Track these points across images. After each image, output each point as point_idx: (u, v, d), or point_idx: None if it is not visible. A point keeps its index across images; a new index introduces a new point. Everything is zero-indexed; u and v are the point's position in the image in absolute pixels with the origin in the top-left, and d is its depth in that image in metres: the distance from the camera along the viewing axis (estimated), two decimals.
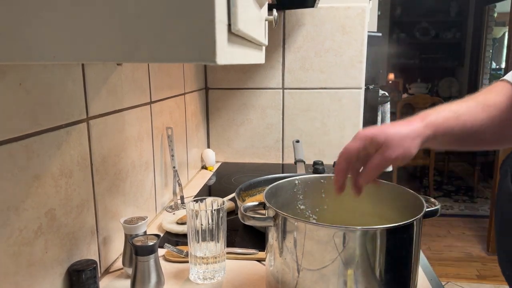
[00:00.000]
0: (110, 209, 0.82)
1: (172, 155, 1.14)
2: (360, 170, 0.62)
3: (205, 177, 1.45)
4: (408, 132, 0.59)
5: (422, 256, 0.81)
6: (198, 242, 0.74)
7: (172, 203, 1.15)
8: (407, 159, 0.59)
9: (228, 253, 0.83)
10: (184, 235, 0.93)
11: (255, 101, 1.57)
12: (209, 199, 0.77)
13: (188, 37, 0.34)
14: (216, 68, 1.56)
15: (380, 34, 1.68)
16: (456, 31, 5.15)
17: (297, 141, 1.43)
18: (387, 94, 1.91)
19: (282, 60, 1.52)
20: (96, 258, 0.77)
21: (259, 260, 0.84)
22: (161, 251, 0.80)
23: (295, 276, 0.59)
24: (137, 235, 0.72)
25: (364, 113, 1.55)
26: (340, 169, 0.61)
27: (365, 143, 0.60)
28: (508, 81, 0.64)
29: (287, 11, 1.48)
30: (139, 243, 0.68)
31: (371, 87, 1.65)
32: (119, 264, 0.83)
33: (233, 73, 1.56)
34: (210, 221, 0.74)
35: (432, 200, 0.66)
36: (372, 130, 0.60)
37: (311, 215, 0.77)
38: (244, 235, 0.96)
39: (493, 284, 2.41)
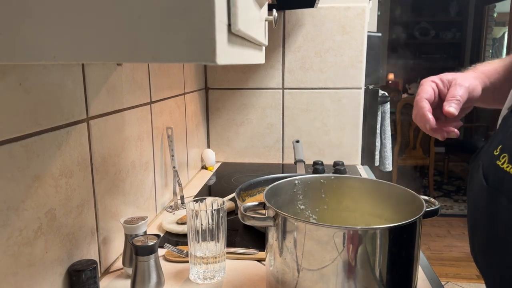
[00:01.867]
0: (110, 209, 0.82)
1: (172, 155, 1.14)
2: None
3: (205, 177, 1.45)
4: (467, 74, 0.67)
5: (422, 256, 0.81)
6: (198, 242, 0.75)
7: (172, 203, 1.15)
8: (476, 93, 0.65)
9: (228, 253, 0.83)
10: (184, 235, 0.93)
11: (255, 101, 1.57)
12: (209, 199, 0.77)
13: (188, 37, 0.34)
14: (216, 68, 1.56)
15: (380, 34, 1.68)
16: (456, 31, 5.15)
17: (297, 141, 1.43)
18: (387, 94, 1.91)
19: (282, 60, 1.52)
20: (96, 258, 0.77)
21: (259, 260, 0.84)
22: (161, 251, 0.80)
23: (295, 276, 0.59)
24: (137, 235, 0.72)
25: (364, 113, 1.55)
26: (423, 108, 0.64)
27: (437, 82, 0.67)
28: None
29: (287, 11, 1.48)
30: (139, 243, 0.68)
31: (371, 87, 1.65)
32: (119, 264, 0.83)
33: (233, 73, 1.56)
34: (210, 221, 0.74)
35: (432, 200, 0.66)
36: (435, 76, 0.68)
37: (311, 215, 0.78)
38: (244, 235, 0.96)
39: None
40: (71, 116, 0.68)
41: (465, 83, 0.63)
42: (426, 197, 0.65)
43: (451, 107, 0.61)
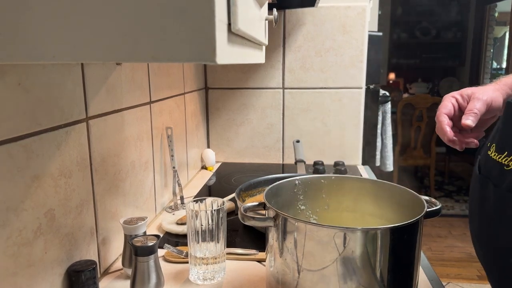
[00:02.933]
0: (110, 209, 0.82)
1: (172, 155, 1.14)
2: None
3: (205, 177, 1.45)
4: (487, 87, 0.70)
5: (423, 257, 0.80)
6: (198, 242, 0.74)
7: (172, 204, 1.15)
8: (496, 104, 0.68)
9: (228, 253, 0.83)
10: (184, 236, 0.93)
11: (255, 101, 1.57)
12: (209, 199, 0.77)
13: (188, 37, 0.34)
14: (216, 68, 1.56)
15: (380, 34, 1.67)
16: (457, 31, 5.14)
17: (297, 141, 1.43)
18: (387, 94, 1.91)
19: (282, 60, 1.52)
20: (95, 258, 0.77)
21: (259, 261, 0.83)
22: (161, 252, 0.80)
23: (295, 276, 0.59)
24: (136, 236, 0.72)
25: (364, 113, 1.55)
26: (442, 122, 0.68)
27: (456, 97, 0.70)
28: None
29: (287, 11, 1.47)
30: (138, 244, 0.68)
31: (371, 86, 1.65)
32: (118, 264, 0.82)
33: (233, 73, 1.56)
34: (210, 221, 0.74)
35: (433, 200, 0.65)
36: (455, 91, 0.71)
37: (311, 216, 0.77)
38: (244, 236, 0.95)
39: None
40: (71, 116, 0.67)
41: (483, 97, 0.68)
42: (427, 197, 0.65)
43: (468, 120, 0.66)
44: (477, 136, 0.70)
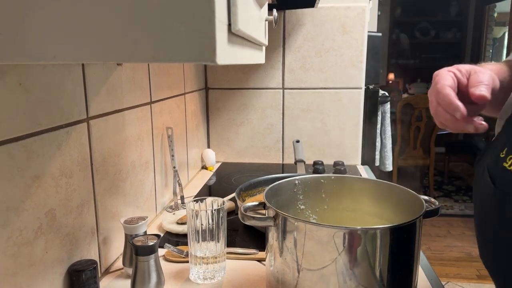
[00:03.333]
0: (110, 209, 0.82)
1: (172, 155, 1.14)
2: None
3: (205, 177, 1.45)
4: (483, 67, 0.59)
5: (422, 256, 0.81)
6: (198, 242, 0.74)
7: (172, 203, 1.15)
8: (496, 83, 0.56)
9: (228, 253, 0.83)
10: (184, 235, 0.93)
11: (255, 101, 1.57)
12: (209, 199, 0.77)
13: (188, 37, 0.34)
14: (216, 68, 1.56)
15: (380, 34, 1.68)
16: (456, 31, 5.15)
17: (297, 141, 1.43)
18: (387, 94, 1.91)
19: (282, 60, 1.52)
20: (96, 258, 0.77)
21: (259, 260, 0.84)
22: (161, 251, 0.80)
23: (295, 276, 0.59)
24: (137, 235, 0.72)
25: (364, 113, 1.55)
26: (449, 95, 0.54)
27: (454, 71, 0.57)
28: None
29: (287, 11, 1.48)
30: (139, 243, 0.68)
31: (371, 87, 1.65)
32: (119, 264, 0.83)
33: (233, 73, 1.56)
34: (210, 221, 0.74)
35: (432, 200, 0.65)
36: (450, 67, 0.59)
37: (311, 215, 0.77)
38: (244, 235, 0.96)
39: (493, 284, 2.41)
40: (71, 116, 0.68)
41: (486, 70, 0.56)
42: (426, 197, 0.65)
43: (482, 91, 0.52)
44: (481, 120, 0.56)
